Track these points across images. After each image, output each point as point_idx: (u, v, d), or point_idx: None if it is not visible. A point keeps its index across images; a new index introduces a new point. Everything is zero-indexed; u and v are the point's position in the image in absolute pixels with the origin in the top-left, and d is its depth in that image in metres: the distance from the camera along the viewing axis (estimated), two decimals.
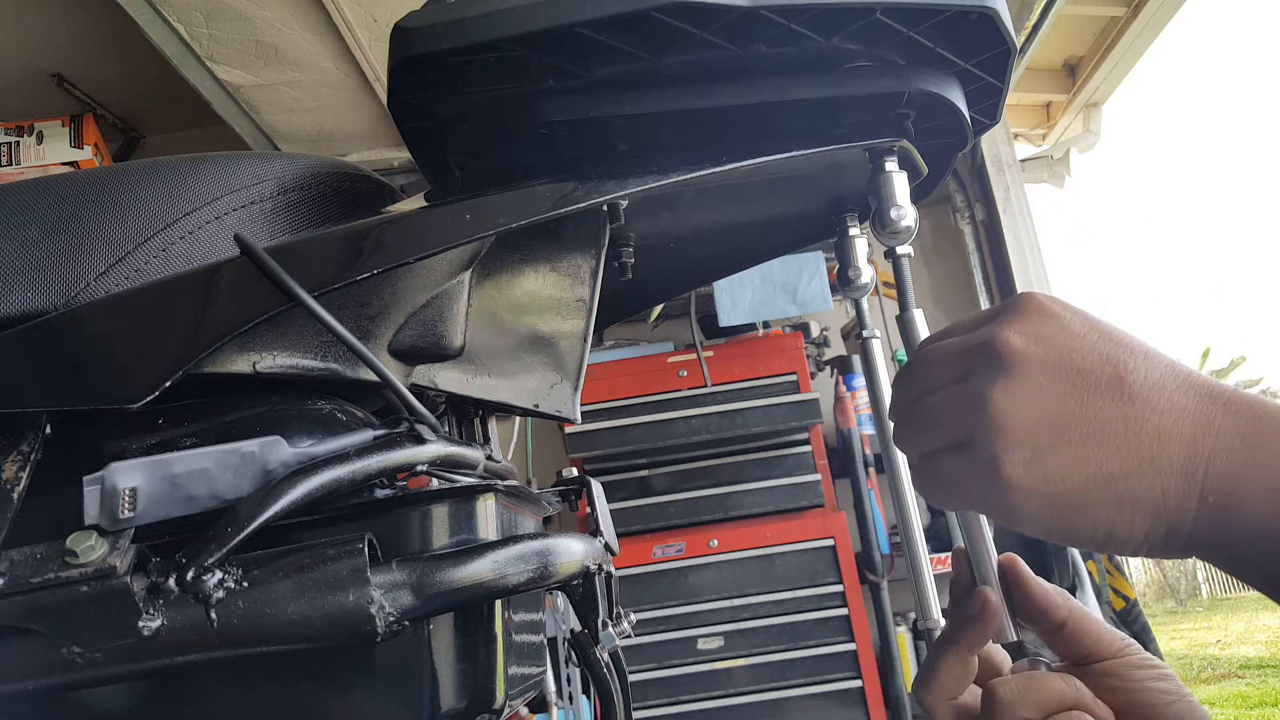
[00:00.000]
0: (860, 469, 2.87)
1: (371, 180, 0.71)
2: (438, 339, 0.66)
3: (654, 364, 2.81)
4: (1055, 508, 0.44)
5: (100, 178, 0.61)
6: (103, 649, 0.47)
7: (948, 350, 0.49)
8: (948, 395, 0.47)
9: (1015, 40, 0.61)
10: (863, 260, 0.75)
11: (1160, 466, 0.43)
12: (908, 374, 0.51)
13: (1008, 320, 0.47)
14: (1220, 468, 0.42)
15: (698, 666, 2.61)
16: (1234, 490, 0.42)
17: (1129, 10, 2.92)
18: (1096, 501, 0.43)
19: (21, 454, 0.52)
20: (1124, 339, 0.46)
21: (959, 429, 0.46)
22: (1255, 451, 0.42)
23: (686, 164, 0.58)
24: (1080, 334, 0.46)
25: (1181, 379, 0.44)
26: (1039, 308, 0.47)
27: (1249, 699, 5.74)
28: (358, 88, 2.61)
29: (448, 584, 0.50)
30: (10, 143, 2.62)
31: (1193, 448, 0.42)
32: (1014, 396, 0.44)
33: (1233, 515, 0.42)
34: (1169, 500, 0.43)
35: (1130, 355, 0.45)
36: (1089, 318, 0.47)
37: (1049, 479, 0.44)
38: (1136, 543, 0.44)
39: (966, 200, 3.41)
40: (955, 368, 0.48)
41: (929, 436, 0.49)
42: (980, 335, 0.47)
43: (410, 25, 0.54)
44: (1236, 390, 0.44)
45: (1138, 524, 0.43)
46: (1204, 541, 0.43)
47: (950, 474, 0.47)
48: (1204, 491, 0.42)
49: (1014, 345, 0.45)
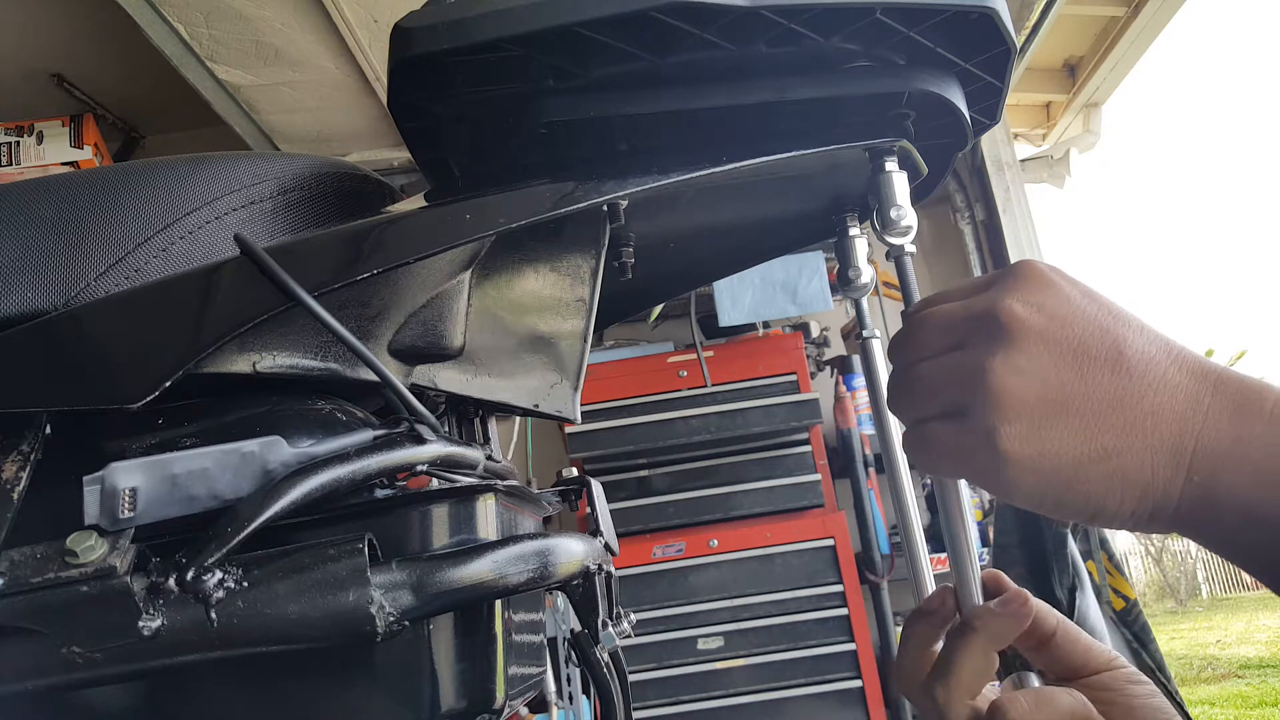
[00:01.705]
0: (860, 469, 2.87)
1: (371, 180, 0.71)
2: (438, 339, 0.66)
3: (654, 364, 2.81)
4: (1048, 481, 0.44)
5: (100, 178, 0.61)
6: (103, 649, 0.47)
7: (946, 315, 0.48)
8: (946, 362, 0.46)
9: (1015, 40, 0.61)
10: (863, 260, 0.75)
11: (1152, 443, 0.42)
12: (904, 338, 0.50)
13: (1008, 288, 0.46)
14: (1207, 446, 0.42)
15: (698, 666, 2.61)
16: (1218, 469, 0.41)
17: (1129, 10, 2.92)
18: (1089, 477, 0.43)
19: (21, 454, 0.52)
20: (1121, 312, 0.45)
21: (956, 397, 0.46)
22: (1240, 430, 0.42)
23: (686, 164, 0.57)
24: (1080, 305, 0.45)
25: (1175, 355, 0.44)
26: (1040, 276, 0.46)
27: (1249, 699, 5.74)
28: (358, 88, 2.61)
29: (448, 584, 0.50)
30: (10, 143, 2.62)
31: (1183, 426, 0.42)
32: (1014, 367, 0.44)
33: (1217, 494, 0.41)
34: (1157, 478, 0.42)
35: (1128, 329, 0.44)
36: (1087, 289, 0.46)
37: (1045, 453, 0.43)
38: (1124, 518, 0.44)
39: (966, 200, 3.41)
40: (954, 334, 0.47)
41: (924, 403, 0.48)
42: (980, 302, 0.46)
43: (410, 25, 0.54)
44: (1226, 369, 0.43)
45: (1127, 500, 0.43)
46: (1188, 519, 0.43)
47: (944, 442, 0.46)
48: (1190, 470, 0.42)
49: (1016, 314, 0.44)
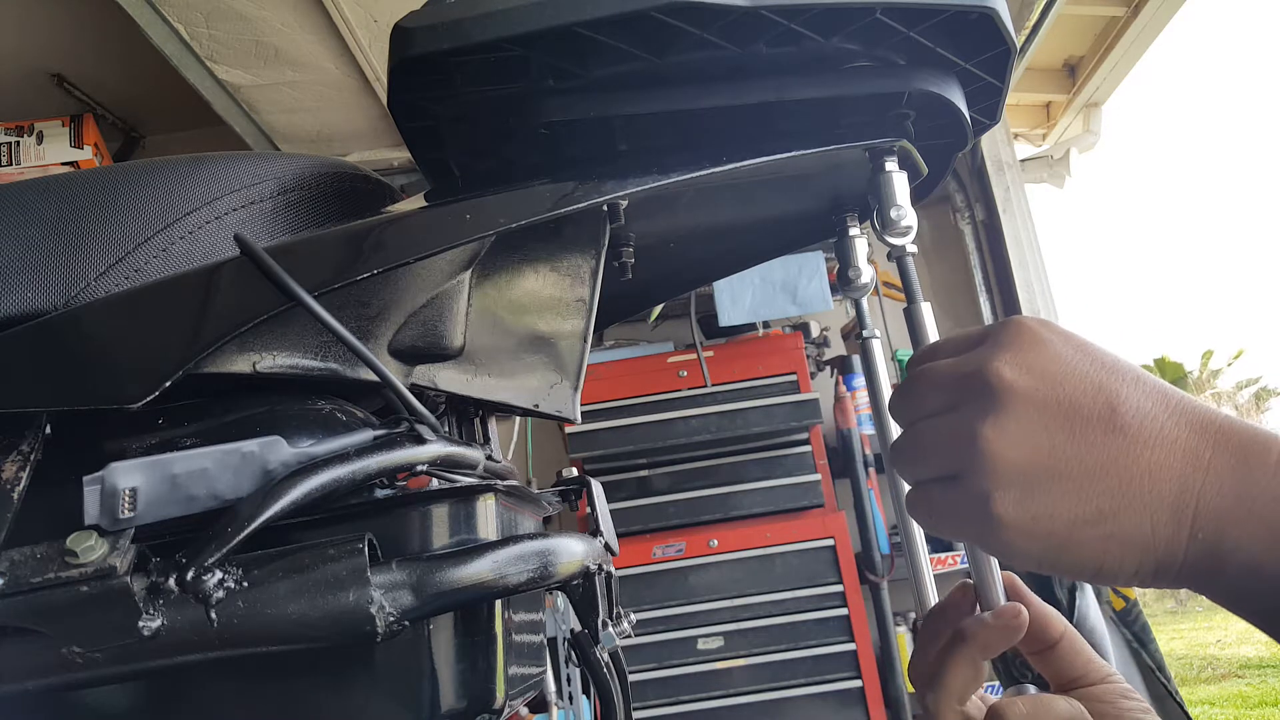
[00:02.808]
0: (860, 469, 2.87)
1: (371, 180, 0.71)
2: (438, 339, 0.66)
3: (654, 364, 2.81)
4: (1045, 545, 0.43)
5: (100, 178, 0.61)
6: (103, 649, 0.47)
7: (938, 375, 0.48)
8: (938, 425, 0.47)
9: (1015, 40, 0.61)
10: (863, 260, 0.75)
11: (1150, 503, 0.42)
12: (900, 398, 0.50)
13: (998, 349, 0.45)
14: (1210, 504, 0.41)
15: (698, 666, 2.61)
16: (1224, 527, 0.41)
17: (1129, 10, 2.92)
18: (1086, 539, 0.43)
19: (21, 454, 0.52)
20: (1115, 365, 0.45)
21: (950, 461, 0.46)
22: (1245, 486, 0.41)
23: (686, 164, 0.57)
24: (1072, 362, 0.44)
25: (1173, 407, 0.43)
26: (1030, 334, 0.46)
27: (1249, 699, 5.74)
28: (358, 88, 2.61)
29: (448, 584, 0.50)
30: (10, 143, 2.62)
31: (1183, 484, 0.42)
32: (1005, 432, 0.43)
33: (1224, 551, 0.41)
34: (1158, 537, 0.42)
35: (1123, 383, 0.44)
36: (1081, 343, 0.46)
37: (1039, 517, 0.43)
38: (1127, 576, 0.43)
39: (966, 200, 3.41)
40: (946, 396, 0.47)
41: (922, 465, 0.48)
42: (970, 363, 0.46)
43: (410, 25, 0.54)
44: (1228, 419, 0.43)
45: (1127, 559, 0.43)
46: (1195, 575, 0.42)
47: (941, 505, 0.47)
48: (1194, 528, 0.41)
49: (1004, 377, 0.44)
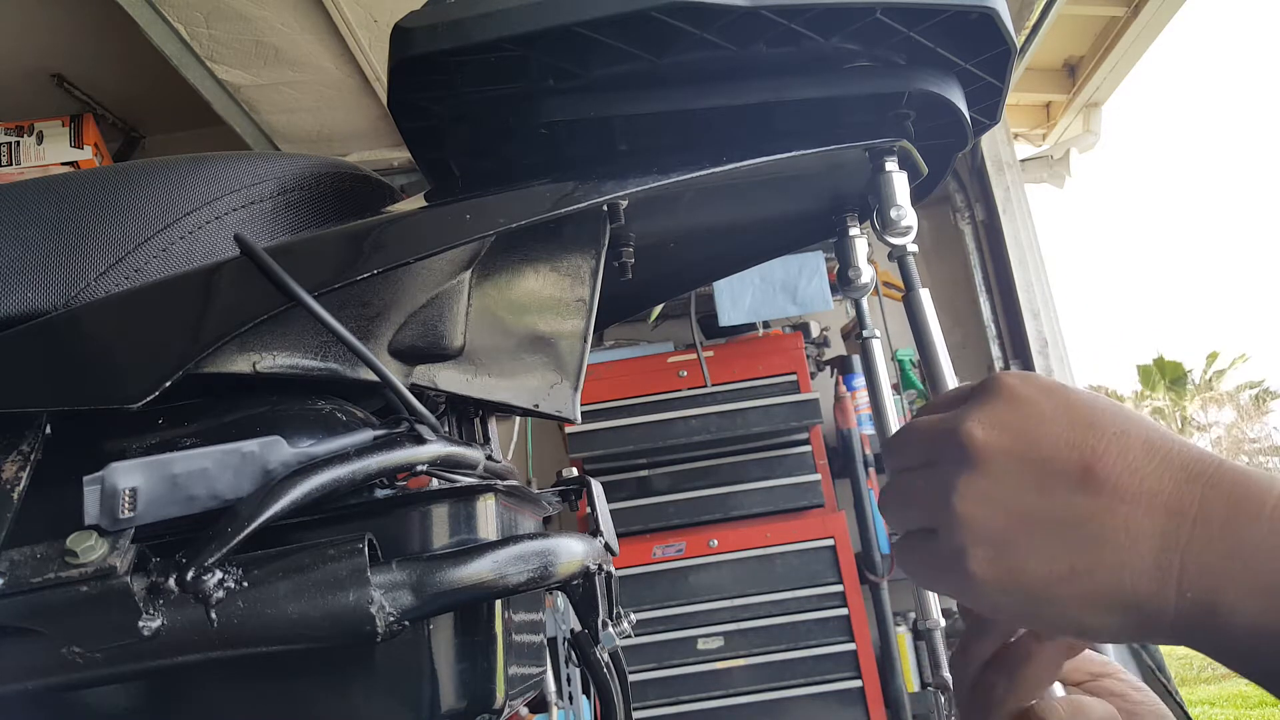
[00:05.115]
0: (860, 469, 2.86)
1: (371, 180, 0.71)
2: (438, 339, 0.66)
3: (654, 364, 2.81)
4: (1022, 600, 0.43)
5: (100, 178, 0.61)
6: (103, 649, 0.47)
7: (920, 431, 0.48)
8: (918, 481, 0.47)
9: (1015, 40, 0.61)
10: (863, 260, 0.75)
11: (1127, 559, 0.41)
12: (887, 450, 0.51)
13: (975, 407, 0.46)
14: (1199, 560, 0.39)
15: (698, 666, 2.61)
16: (1216, 585, 0.39)
17: (1129, 10, 2.91)
18: (1061, 596, 0.42)
19: (21, 454, 0.52)
20: (1097, 419, 0.44)
21: (927, 516, 0.46)
22: (1237, 541, 0.39)
23: (686, 164, 0.58)
24: (1050, 419, 0.44)
25: (1160, 457, 0.42)
26: (1009, 392, 0.45)
27: (1249, 699, 5.74)
28: (358, 88, 2.61)
29: (448, 584, 0.50)
30: (10, 143, 2.62)
31: (1165, 540, 0.40)
32: (977, 491, 0.44)
33: (1218, 611, 0.39)
34: (1140, 595, 0.41)
35: (1101, 439, 0.43)
36: (1065, 398, 0.45)
37: (1013, 573, 0.43)
38: (1111, 633, 0.42)
39: (966, 200, 3.40)
40: (925, 452, 0.47)
41: (904, 517, 0.49)
42: (948, 421, 0.46)
43: (410, 25, 0.54)
44: (1221, 464, 0.41)
45: (1109, 617, 0.42)
46: (1189, 635, 0.41)
47: (921, 558, 0.47)
48: (1181, 586, 0.40)
49: (976, 436, 0.44)
